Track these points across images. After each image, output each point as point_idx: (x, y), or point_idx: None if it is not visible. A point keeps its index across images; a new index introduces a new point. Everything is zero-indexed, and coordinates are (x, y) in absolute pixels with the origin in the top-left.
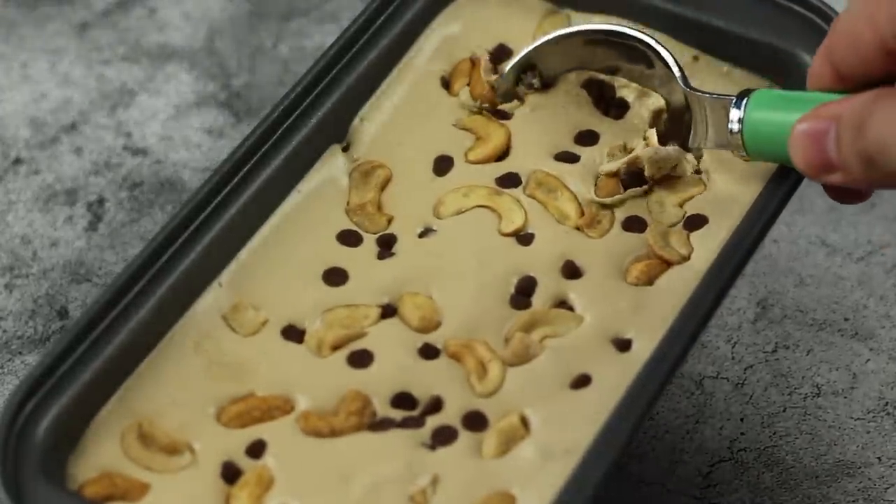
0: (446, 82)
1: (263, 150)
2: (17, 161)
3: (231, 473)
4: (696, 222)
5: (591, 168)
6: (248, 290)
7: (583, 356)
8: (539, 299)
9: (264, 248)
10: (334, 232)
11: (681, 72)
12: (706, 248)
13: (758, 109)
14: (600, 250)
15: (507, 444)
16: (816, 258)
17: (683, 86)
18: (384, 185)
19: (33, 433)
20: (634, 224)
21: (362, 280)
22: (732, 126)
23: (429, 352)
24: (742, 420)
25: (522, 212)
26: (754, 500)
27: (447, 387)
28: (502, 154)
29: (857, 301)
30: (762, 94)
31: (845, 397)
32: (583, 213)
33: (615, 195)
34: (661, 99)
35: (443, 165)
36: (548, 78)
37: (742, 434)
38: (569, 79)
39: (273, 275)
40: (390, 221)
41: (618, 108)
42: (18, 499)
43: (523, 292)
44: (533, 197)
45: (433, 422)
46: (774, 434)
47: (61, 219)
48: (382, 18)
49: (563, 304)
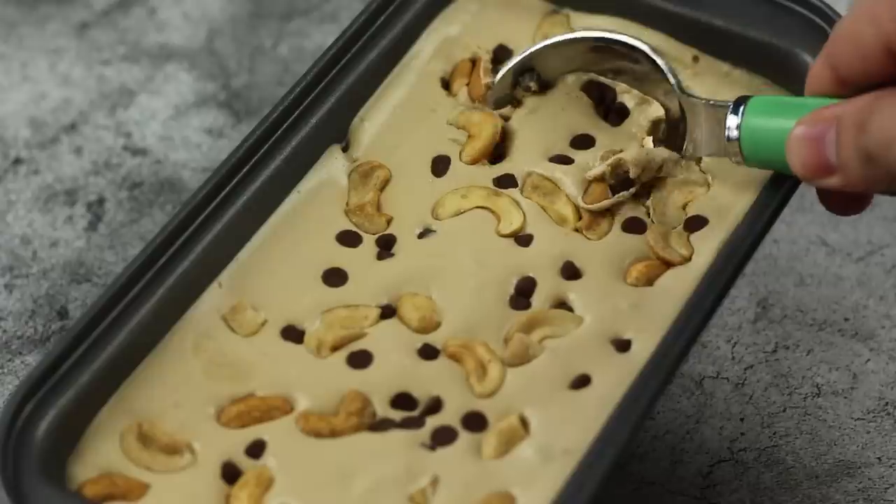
0: (446, 83)
1: (263, 150)
2: (17, 161)
3: (231, 473)
4: (696, 223)
5: (586, 171)
6: (248, 291)
7: (582, 357)
8: (538, 300)
9: (264, 248)
10: (334, 232)
11: (675, 78)
12: (706, 248)
13: (756, 115)
14: (599, 251)
15: (507, 444)
16: (816, 258)
17: (679, 92)
18: (383, 186)
19: (33, 433)
20: (634, 225)
21: (362, 280)
22: (730, 133)
23: (428, 352)
24: (742, 420)
25: (521, 213)
26: (754, 500)
27: (447, 387)
28: (497, 151)
29: (857, 301)
30: (759, 101)
31: (845, 397)
32: (580, 217)
33: (603, 200)
34: (660, 108)
35: (441, 166)
36: (546, 79)
37: (742, 434)
38: (567, 81)
39: (273, 275)
40: (389, 222)
41: (618, 113)
42: (18, 499)
43: (523, 293)
44: (531, 199)
45: (433, 422)
46: (774, 434)
47: (61, 219)
48: (382, 19)
49: (563, 304)
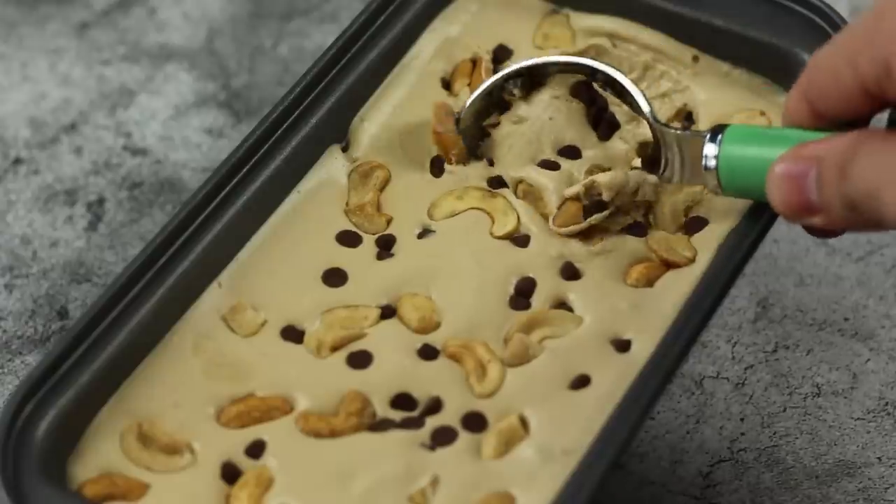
0: (447, 83)
1: (263, 150)
2: (17, 161)
3: (231, 474)
4: (696, 224)
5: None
6: (248, 291)
7: (582, 357)
8: (538, 300)
9: (264, 248)
10: (334, 232)
11: (650, 107)
12: (706, 248)
13: (734, 144)
14: (598, 253)
15: (507, 444)
16: (816, 258)
17: (653, 121)
18: (383, 186)
19: (33, 433)
20: (634, 228)
21: (361, 281)
22: (708, 162)
23: (428, 352)
24: (742, 420)
25: (515, 215)
26: (754, 500)
27: (447, 387)
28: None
29: (857, 301)
30: (737, 130)
31: (845, 397)
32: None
33: (573, 224)
34: (648, 129)
35: (439, 166)
36: (536, 79)
37: (742, 434)
38: (556, 83)
39: (272, 275)
40: (389, 222)
41: (608, 125)
42: (19, 499)
43: (522, 293)
44: (524, 201)
45: (433, 422)
46: (774, 434)
47: (61, 219)
48: (382, 19)
49: (563, 304)
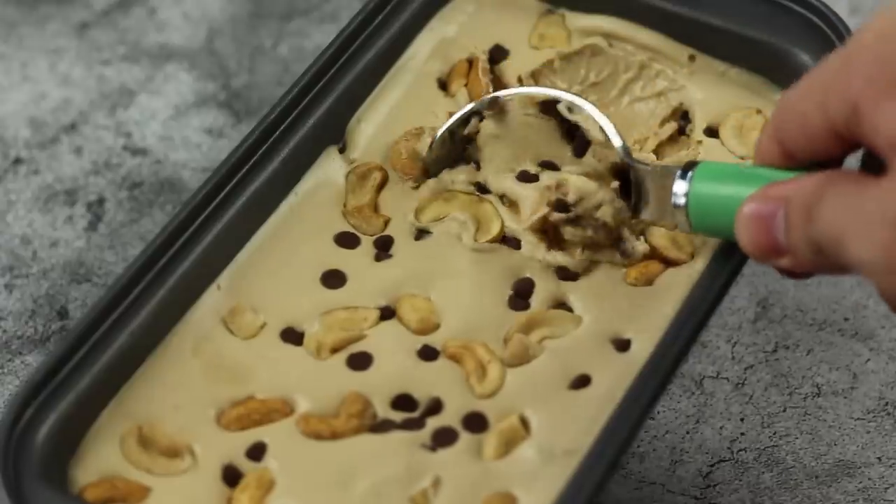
0: (443, 83)
1: (261, 151)
2: (17, 161)
3: (232, 476)
4: None
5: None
6: (247, 293)
7: (582, 357)
8: (537, 300)
9: (262, 250)
10: (332, 234)
11: (622, 143)
12: (706, 248)
13: (704, 182)
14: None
15: (508, 445)
16: None
17: (624, 156)
18: (381, 187)
19: (34, 437)
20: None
21: (360, 282)
22: (677, 199)
23: (428, 353)
24: (742, 420)
25: (500, 221)
26: (754, 500)
27: (447, 388)
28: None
29: (857, 301)
30: (707, 167)
31: (845, 397)
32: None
33: (534, 214)
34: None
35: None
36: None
37: (742, 434)
38: (522, 102)
39: (271, 277)
40: (387, 223)
41: (582, 141)
42: (20, 503)
43: (521, 294)
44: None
45: (433, 423)
46: (774, 434)
47: (61, 219)
48: (379, 19)
49: (562, 304)
